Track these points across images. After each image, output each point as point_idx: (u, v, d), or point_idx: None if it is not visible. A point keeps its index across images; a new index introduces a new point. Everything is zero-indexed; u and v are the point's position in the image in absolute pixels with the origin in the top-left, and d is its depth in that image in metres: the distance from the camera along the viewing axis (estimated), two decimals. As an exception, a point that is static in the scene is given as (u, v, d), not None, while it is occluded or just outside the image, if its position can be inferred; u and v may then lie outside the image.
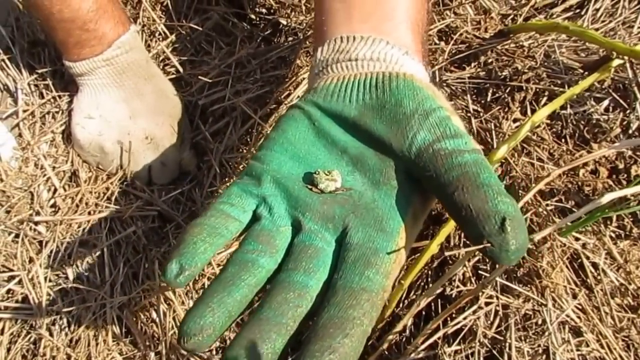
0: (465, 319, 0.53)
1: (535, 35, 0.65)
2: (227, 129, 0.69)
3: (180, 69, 0.72)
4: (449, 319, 0.53)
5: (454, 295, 0.55)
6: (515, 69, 0.62)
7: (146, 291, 0.61)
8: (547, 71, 0.61)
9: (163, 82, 0.68)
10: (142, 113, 0.66)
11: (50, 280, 0.61)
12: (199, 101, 0.71)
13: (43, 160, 0.66)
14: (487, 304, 0.53)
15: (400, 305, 0.58)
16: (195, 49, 0.75)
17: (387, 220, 0.33)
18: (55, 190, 0.65)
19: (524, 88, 0.60)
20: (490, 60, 0.64)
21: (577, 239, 0.55)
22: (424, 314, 0.57)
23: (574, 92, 0.54)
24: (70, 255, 0.62)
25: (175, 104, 0.68)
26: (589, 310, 0.52)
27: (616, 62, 0.56)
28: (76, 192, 0.65)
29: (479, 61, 0.64)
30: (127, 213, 0.64)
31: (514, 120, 0.59)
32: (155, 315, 0.60)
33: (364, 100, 0.37)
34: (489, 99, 0.62)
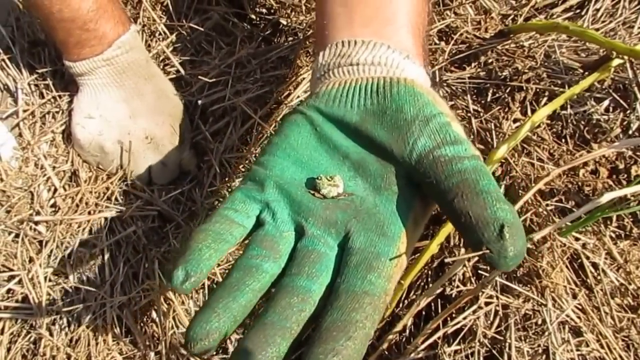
0: (465, 318, 0.53)
1: (535, 35, 0.65)
2: (227, 129, 0.70)
3: (180, 68, 0.72)
4: (449, 319, 0.53)
5: (454, 295, 0.55)
6: (515, 69, 0.62)
7: (146, 291, 0.61)
8: (547, 71, 0.61)
9: (163, 82, 0.68)
10: (142, 113, 0.66)
11: (50, 280, 0.62)
12: (199, 101, 0.71)
13: (43, 160, 0.66)
14: (487, 304, 0.53)
15: (400, 305, 0.58)
16: (196, 49, 0.75)
17: (389, 225, 0.34)
18: (56, 190, 0.65)
19: (524, 88, 0.60)
20: (490, 60, 0.64)
21: (577, 239, 0.55)
22: (424, 313, 0.57)
23: (574, 92, 0.54)
24: (70, 255, 0.62)
25: (176, 103, 0.69)
26: (589, 310, 0.52)
27: (616, 62, 0.56)
28: (76, 192, 0.65)
29: (479, 61, 0.64)
30: (127, 213, 0.64)
31: (514, 120, 0.59)
32: (155, 315, 0.60)
33: (365, 106, 0.37)
34: (489, 99, 0.62)
